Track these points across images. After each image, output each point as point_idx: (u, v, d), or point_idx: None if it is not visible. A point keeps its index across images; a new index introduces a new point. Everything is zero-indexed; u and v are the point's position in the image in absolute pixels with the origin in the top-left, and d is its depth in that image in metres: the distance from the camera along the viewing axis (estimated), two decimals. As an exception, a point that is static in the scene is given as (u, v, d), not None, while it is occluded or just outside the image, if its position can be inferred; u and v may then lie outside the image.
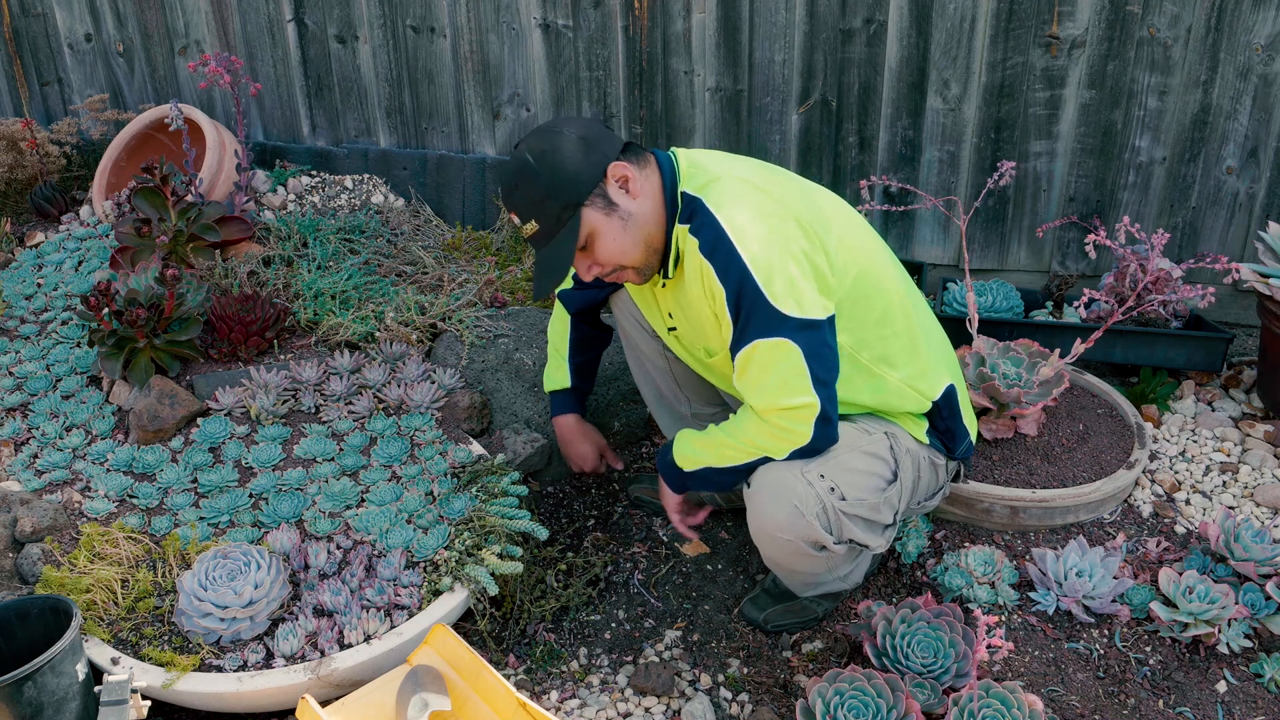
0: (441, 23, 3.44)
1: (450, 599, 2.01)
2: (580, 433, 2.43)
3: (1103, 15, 2.77)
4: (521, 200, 1.84)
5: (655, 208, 1.87)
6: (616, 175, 1.83)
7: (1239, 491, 2.40)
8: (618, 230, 1.85)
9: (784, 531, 1.86)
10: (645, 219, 1.86)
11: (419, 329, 2.79)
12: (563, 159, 1.80)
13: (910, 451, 1.94)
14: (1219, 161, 2.84)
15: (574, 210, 1.82)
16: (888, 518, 1.91)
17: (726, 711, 1.95)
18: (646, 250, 1.89)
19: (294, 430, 2.47)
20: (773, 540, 1.90)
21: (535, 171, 1.80)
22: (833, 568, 1.99)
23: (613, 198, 1.83)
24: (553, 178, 1.80)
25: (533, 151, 1.82)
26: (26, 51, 4.10)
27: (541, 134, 1.84)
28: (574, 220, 1.82)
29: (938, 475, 2.04)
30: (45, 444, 2.49)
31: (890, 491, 1.89)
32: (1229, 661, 1.98)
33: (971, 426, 2.05)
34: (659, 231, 1.88)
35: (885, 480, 1.89)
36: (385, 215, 3.47)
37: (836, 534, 1.85)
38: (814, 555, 1.89)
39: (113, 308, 2.49)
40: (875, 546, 1.91)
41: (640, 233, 1.86)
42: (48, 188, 3.72)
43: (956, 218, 3.04)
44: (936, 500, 2.09)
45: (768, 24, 3.07)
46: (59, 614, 1.78)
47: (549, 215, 1.82)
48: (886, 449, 1.90)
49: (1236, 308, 2.96)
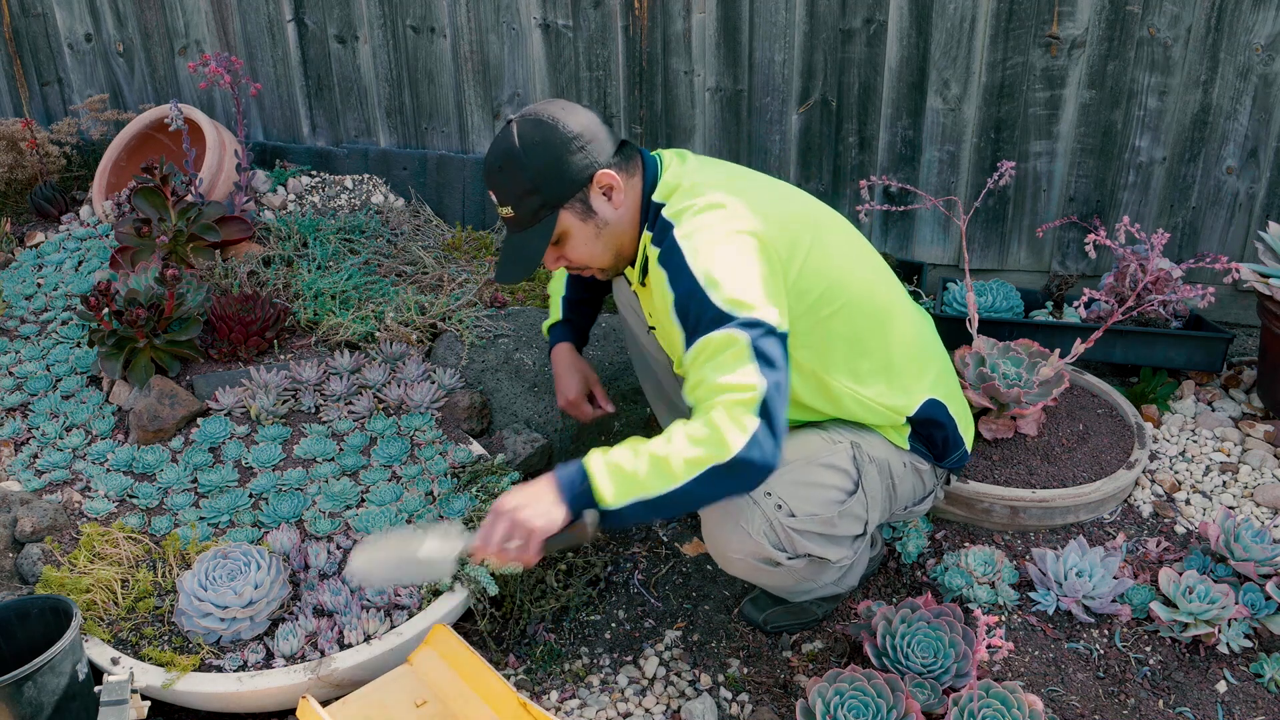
0: (441, 23, 3.44)
1: (450, 599, 2.01)
2: (569, 363, 2.30)
3: (1103, 15, 2.77)
4: (503, 184, 1.80)
5: (631, 216, 1.85)
6: (603, 184, 1.79)
7: (1239, 491, 2.40)
8: (590, 236, 1.83)
9: (734, 551, 1.84)
10: (620, 227, 1.84)
11: (419, 329, 2.80)
12: (552, 156, 1.76)
13: (877, 460, 1.89)
14: (1219, 161, 2.84)
15: (552, 210, 1.80)
16: (851, 529, 1.87)
17: (726, 711, 1.95)
18: (616, 257, 1.89)
19: (294, 430, 2.47)
20: (726, 560, 1.88)
21: (522, 163, 1.76)
22: (806, 579, 1.93)
23: (593, 205, 1.81)
24: (538, 174, 1.76)
25: (524, 139, 1.77)
26: (26, 51, 4.10)
27: (538, 122, 1.77)
28: (550, 219, 1.80)
29: (923, 480, 2.00)
30: (45, 444, 2.49)
31: (851, 503, 1.85)
32: (1229, 661, 1.98)
33: (968, 438, 2.02)
34: (631, 240, 1.87)
35: (844, 492, 1.84)
36: (385, 215, 3.47)
37: (790, 549, 1.82)
38: (772, 570, 1.86)
39: (113, 308, 2.49)
40: (836, 559, 1.87)
41: (613, 241, 1.86)
42: (48, 188, 3.72)
43: (956, 218, 3.04)
44: (926, 505, 2.06)
45: (768, 24, 3.07)
46: (59, 614, 1.78)
47: (526, 208, 1.80)
48: (848, 459, 1.86)
49: (1236, 308, 2.96)
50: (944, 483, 2.11)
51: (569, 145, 1.77)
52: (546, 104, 1.82)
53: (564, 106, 1.81)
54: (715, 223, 1.73)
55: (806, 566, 1.87)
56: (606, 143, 1.81)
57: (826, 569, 1.93)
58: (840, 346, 1.84)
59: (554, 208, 1.79)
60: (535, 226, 1.81)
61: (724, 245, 1.70)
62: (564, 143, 1.76)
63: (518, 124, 1.79)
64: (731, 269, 1.67)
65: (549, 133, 1.76)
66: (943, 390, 1.98)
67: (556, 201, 1.79)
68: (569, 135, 1.77)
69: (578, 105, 1.83)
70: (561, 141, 1.76)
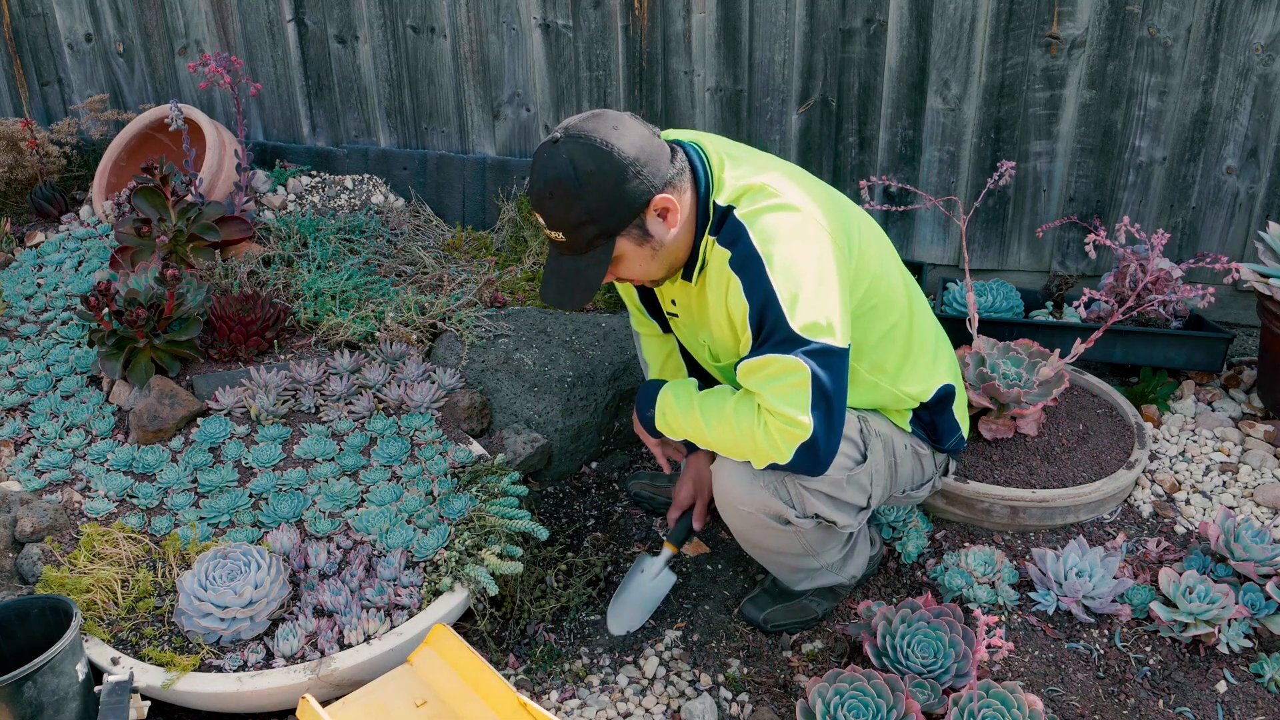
0: (441, 23, 3.44)
1: (450, 599, 2.01)
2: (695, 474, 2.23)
3: (1103, 15, 2.77)
4: (554, 212, 1.70)
5: (687, 228, 1.78)
6: (659, 207, 1.72)
7: (1239, 491, 2.40)
8: (646, 258, 1.78)
9: (744, 504, 1.86)
10: (676, 244, 1.78)
11: (419, 329, 2.80)
12: (608, 186, 1.66)
13: (882, 435, 1.94)
14: (1219, 161, 2.84)
15: (609, 239, 1.72)
16: (858, 499, 1.90)
17: (726, 711, 1.95)
18: (669, 269, 1.84)
19: (294, 430, 2.47)
20: (736, 513, 1.90)
21: (576, 192, 1.66)
22: (810, 549, 1.96)
23: (650, 229, 1.73)
24: (594, 205, 1.67)
25: (578, 167, 1.65)
26: (26, 51, 4.10)
27: (591, 148, 1.65)
28: (607, 247, 1.73)
29: (922, 465, 2.04)
30: (45, 444, 2.49)
31: (858, 472, 1.88)
32: (1229, 661, 1.98)
33: (963, 422, 2.07)
34: (685, 251, 1.82)
35: (853, 460, 1.88)
36: (385, 215, 3.47)
37: (799, 507, 1.85)
38: (779, 529, 1.88)
39: (113, 308, 2.49)
40: (843, 524, 1.90)
41: (668, 259, 1.81)
42: (48, 188, 3.72)
43: (956, 218, 3.04)
44: (925, 492, 2.09)
45: (768, 24, 3.07)
46: (59, 614, 1.78)
47: (580, 237, 1.71)
48: (855, 430, 1.90)
49: (1236, 308, 2.96)
50: (942, 472, 2.13)
51: (625, 173, 1.66)
52: (596, 122, 1.69)
53: (615, 126, 1.68)
54: (792, 229, 1.71)
55: (814, 530, 1.90)
56: (661, 159, 1.72)
57: (831, 539, 1.96)
58: (874, 338, 1.87)
59: (610, 236, 1.72)
60: (590, 253, 1.74)
61: (802, 256, 1.69)
62: (619, 170, 1.66)
63: (567, 148, 1.67)
64: (809, 285, 1.67)
65: (604, 161, 1.65)
66: (953, 375, 2.03)
67: (613, 230, 1.71)
68: (625, 162, 1.66)
69: (626, 118, 1.71)
70: (618, 170, 1.66)
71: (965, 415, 2.09)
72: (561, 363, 2.67)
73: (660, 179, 1.71)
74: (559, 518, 2.48)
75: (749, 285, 1.70)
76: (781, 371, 1.68)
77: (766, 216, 1.72)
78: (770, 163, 1.87)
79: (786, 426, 1.70)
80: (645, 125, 1.74)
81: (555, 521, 2.46)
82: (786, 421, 1.69)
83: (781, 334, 1.67)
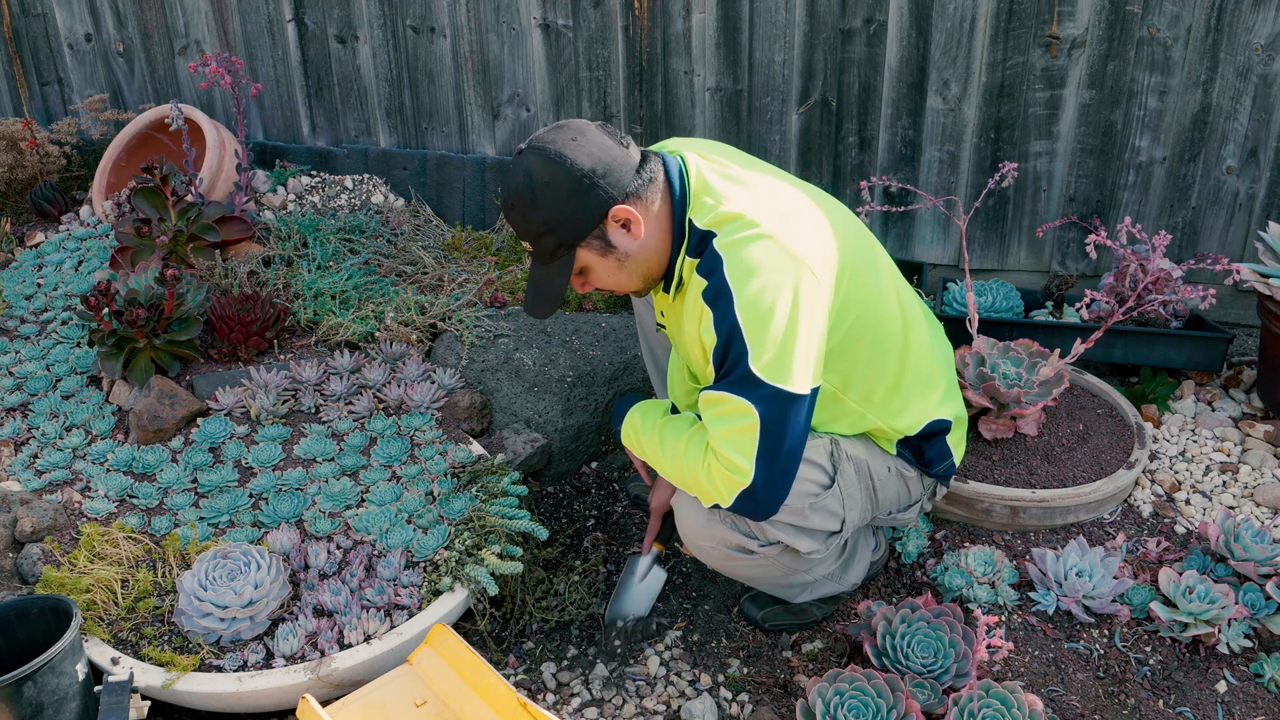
0: (441, 23, 3.44)
1: (450, 599, 2.01)
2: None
3: (1103, 15, 2.77)
4: (517, 222, 1.75)
5: (660, 240, 1.77)
6: (619, 218, 1.72)
7: (1239, 491, 2.40)
8: (613, 268, 1.78)
9: (703, 538, 1.85)
10: (646, 255, 1.78)
11: (419, 329, 2.80)
12: (561, 198, 1.68)
13: (855, 459, 1.88)
14: (1219, 161, 2.84)
15: (569, 249, 1.74)
16: (827, 524, 1.85)
17: (726, 711, 1.95)
18: (645, 281, 1.84)
19: (294, 430, 2.47)
20: (698, 548, 1.89)
21: (532, 203, 1.69)
22: (791, 569, 1.93)
23: (612, 240, 1.74)
24: (549, 215, 1.69)
25: (534, 178, 1.68)
26: (26, 51, 4.10)
27: (547, 159, 1.68)
28: (568, 257, 1.75)
29: (908, 487, 1.99)
30: (45, 444, 2.49)
31: (825, 498, 1.83)
32: (1229, 661, 1.98)
33: (957, 449, 2.00)
34: (660, 263, 1.81)
35: (819, 486, 1.82)
36: (385, 215, 3.47)
37: (760, 537, 1.82)
38: (749, 560, 1.86)
39: (113, 308, 2.49)
40: (805, 550, 1.85)
41: (638, 270, 1.80)
42: (48, 188, 3.72)
43: (956, 218, 3.04)
44: (913, 513, 2.04)
45: (768, 24, 3.07)
46: (59, 614, 1.78)
47: (543, 247, 1.74)
48: (825, 454, 1.84)
49: (1236, 308, 2.96)
50: (930, 495, 2.07)
51: (579, 184, 1.67)
52: (556, 134, 1.71)
53: (574, 137, 1.70)
54: (770, 264, 1.66)
55: (782, 554, 1.86)
56: (623, 170, 1.71)
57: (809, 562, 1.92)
58: (861, 370, 1.83)
59: (570, 246, 1.73)
60: (555, 263, 1.76)
61: (774, 294, 1.64)
62: (573, 182, 1.67)
63: (527, 159, 1.70)
64: (777, 325, 1.64)
65: (556, 172, 1.67)
66: (949, 407, 1.96)
67: (571, 241, 1.73)
68: (578, 174, 1.67)
69: (590, 129, 1.72)
70: (571, 180, 1.67)
71: (961, 444, 2.02)
72: (561, 363, 2.67)
73: (620, 190, 1.70)
74: (559, 518, 2.48)
75: (718, 319, 1.67)
76: (731, 413, 1.66)
77: (744, 250, 1.67)
78: (763, 179, 1.82)
79: (728, 472, 1.68)
80: (610, 136, 1.73)
81: (555, 521, 2.46)
82: (729, 467, 1.68)
83: (739, 372, 1.64)
